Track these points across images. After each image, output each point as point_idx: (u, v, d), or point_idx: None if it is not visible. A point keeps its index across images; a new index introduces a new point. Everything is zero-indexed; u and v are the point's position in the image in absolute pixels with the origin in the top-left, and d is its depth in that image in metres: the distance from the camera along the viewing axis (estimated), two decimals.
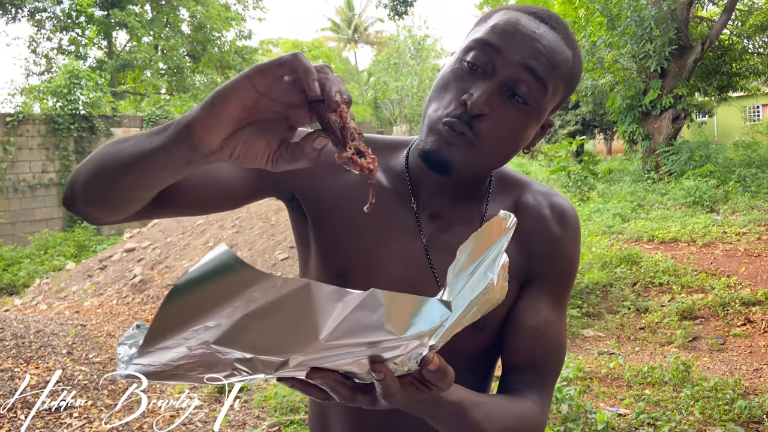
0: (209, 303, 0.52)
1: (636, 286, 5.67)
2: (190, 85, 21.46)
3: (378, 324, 0.54)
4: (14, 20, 19.29)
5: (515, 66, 0.81)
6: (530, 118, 0.84)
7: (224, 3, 23.03)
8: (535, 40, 0.81)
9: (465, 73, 0.83)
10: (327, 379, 0.59)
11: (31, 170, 12.05)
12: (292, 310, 0.53)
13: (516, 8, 0.86)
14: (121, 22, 19.99)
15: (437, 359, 0.60)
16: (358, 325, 0.54)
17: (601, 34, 12.48)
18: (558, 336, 0.94)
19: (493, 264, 0.65)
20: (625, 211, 9.09)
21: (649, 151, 12.51)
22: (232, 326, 0.53)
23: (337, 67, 39.31)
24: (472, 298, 0.62)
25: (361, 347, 0.56)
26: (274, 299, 0.52)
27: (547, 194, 0.98)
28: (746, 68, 14.87)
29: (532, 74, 0.81)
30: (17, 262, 9.51)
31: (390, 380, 0.59)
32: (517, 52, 0.81)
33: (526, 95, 0.82)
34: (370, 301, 0.54)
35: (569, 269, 0.96)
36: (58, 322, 5.09)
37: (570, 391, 3.09)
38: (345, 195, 0.93)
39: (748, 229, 7.34)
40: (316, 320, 0.53)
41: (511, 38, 0.81)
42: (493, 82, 0.81)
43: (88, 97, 12.96)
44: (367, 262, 0.91)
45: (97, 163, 0.73)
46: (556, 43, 0.83)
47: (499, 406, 0.85)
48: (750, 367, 4.09)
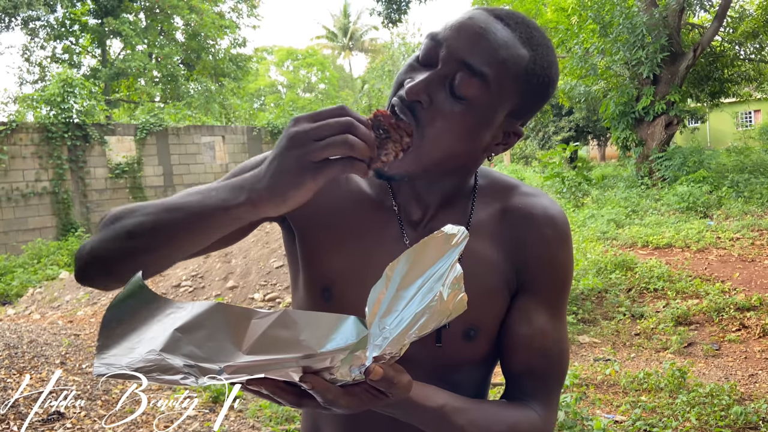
0: (138, 319, 0.63)
1: (631, 292, 5.68)
2: (185, 93, 21.44)
3: (293, 340, 0.61)
4: (8, 29, 19.27)
5: (454, 60, 0.79)
6: (472, 115, 0.80)
7: (218, 11, 23.06)
8: (479, 35, 0.79)
9: (414, 66, 0.84)
10: (266, 385, 0.63)
11: (24, 179, 12.00)
12: (211, 327, 0.61)
13: (480, 7, 0.85)
14: (115, 31, 19.99)
15: (380, 369, 0.63)
16: (276, 340, 0.61)
17: (594, 41, 12.56)
18: (557, 344, 0.92)
19: (440, 279, 0.67)
20: (620, 217, 9.12)
21: (643, 157, 12.57)
22: (168, 338, 0.61)
23: (331, 74, 39.39)
24: (417, 310, 0.66)
25: (290, 361, 0.61)
26: (192, 317, 0.61)
27: (536, 196, 0.96)
28: (738, 74, 14.97)
29: (469, 69, 0.79)
30: (10, 271, 9.45)
31: (322, 389, 0.63)
32: (457, 46, 0.79)
33: (464, 90, 0.79)
34: (283, 320, 0.62)
35: (562, 275, 0.94)
36: (52, 332, 5.06)
37: (566, 399, 3.09)
38: (329, 209, 0.93)
39: (742, 234, 7.37)
40: (232, 336, 0.61)
41: (456, 33, 0.80)
42: (434, 74, 0.80)
43: (82, 106, 12.93)
44: (352, 273, 0.90)
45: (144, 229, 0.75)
46: (505, 40, 0.80)
47: (489, 412, 0.84)
48: (745, 372, 4.09)
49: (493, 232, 0.93)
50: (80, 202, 12.82)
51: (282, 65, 40.67)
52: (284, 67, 40.82)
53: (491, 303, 0.89)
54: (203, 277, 6.76)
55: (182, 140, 14.54)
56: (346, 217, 0.93)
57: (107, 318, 0.63)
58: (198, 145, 14.97)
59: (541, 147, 24.10)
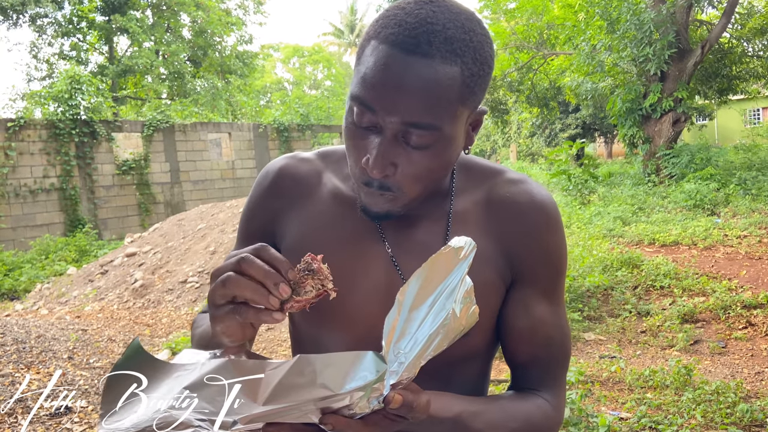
0: (141, 382, 0.64)
1: (637, 289, 5.66)
2: (191, 90, 21.50)
3: (311, 385, 0.61)
4: (16, 26, 19.34)
5: (395, 124, 0.76)
6: (439, 148, 0.79)
7: (225, 8, 23.09)
8: (404, 91, 0.74)
9: (357, 130, 0.80)
10: (283, 429, 0.64)
11: (32, 175, 12.07)
12: (221, 383, 0.61)
13: (387, 38, 0.76)
14: (123, 28, 20.04)
15: (399, 397, 0.65)
16: (293, 387, 0.61)
17: (601, 38, 12.49)
18: (557, 330, 0.92)
19: (451, 295, 0.67)
20: (626, 214, 9.09)
21: (650, 155, 12.51)
22: (175, 397, 0.61)
23: (338, 71, 39.39)
24: (431, 331, 0.66)
25: (308, 404, 0.61)
26: (201, 375, 0.62)
27: (521, 183, 0.93)
28: (746, 71, 14.86)
29: (415, 126, 0.76)
30: (18, 267, 9.51)
31: (343, 427, 0.64)
32: (391, 111, 0.75)
33: (421, 143, 0.78)
34: (299, 366, 0.61)
35: (557, 261, 0.92)
36: (59, 327, 5.09)
37: (571, 395, 3.08)
38: (308, 223, 0.94)
39: (749, 232, 7.33)
40: (246, 389, 0.61)
41: (381, 94, 0.75)
42: (384, 141, 0.77)
43: (90, 102, 12.98)
44: (335, 282, 0.91)
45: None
46: (432, 76, 0.74)
47: (504, 410, 0.85)
48: (752, 370, 4.08)
49: (479, 222, 0.91)
50: (87, 199, 12.88)
51: (288, 62, 40.70)
52: (290, 64, 40.86)
53: (485, 297, 0.86)
54: (209, 273, 6.78)
55: (189, 137, 14.58)
56: (326, 226, 0.93)
57: (109, 384, 0.64)
58: (204, 141, 15.01)
59: (547, 144, 24.04)
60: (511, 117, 24.27)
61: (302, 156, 1.00)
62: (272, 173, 0.98)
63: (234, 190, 15.22)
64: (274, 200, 0.97)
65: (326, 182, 0.96)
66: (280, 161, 1.00)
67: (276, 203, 0.97)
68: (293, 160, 0.99)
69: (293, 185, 0.97)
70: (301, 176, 0.97)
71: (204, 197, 14.50)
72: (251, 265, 0.66)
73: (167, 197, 14.25)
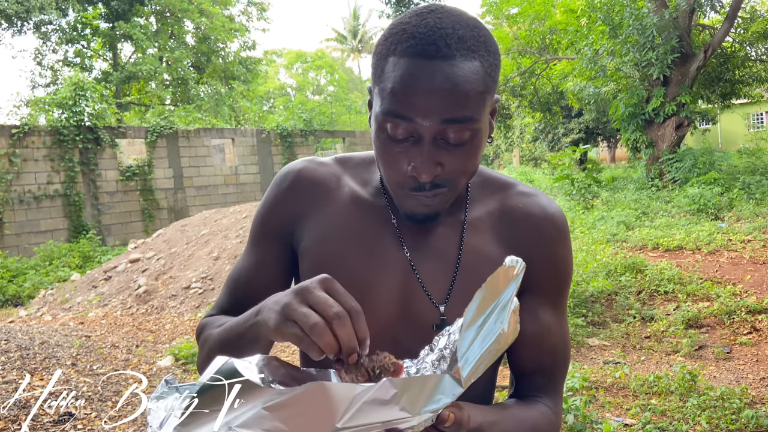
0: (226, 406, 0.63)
1: (641, 294, 5.64)
2: (195, 96, 21.57)
3: (391, 407, 0.62)
4: (20, 33, 19.44)
5: (434, 127, 0.80)
6: (475, 140, 0.84)
7: (228, 14, 23.18)
8: (437, 93, 0.78)
9: (394, 144, 0.83)
10: None
11: (36, 181, 12.11)
12: (305, 404, 0.61)
13: (406, 51, 0.80)
14: (126, 34, 20.14)
15: (452, 415, 0.70)
16: (372, 410, 0.62)
17: (604, 43, 12.51)
18: (561, 338, 0.97)
19: (503, 312, 0.70)
20: (630, 219, 9.07)
21: (653, 159, 12.50)
22: (250, 416, 0.61)
23: (340, 77, 39.49)
24: (482, 351, 0.69)
25: (377, 425, 0.63)
26: (287, 398, 0.61)
27: (534, 195, 0.98)
28: (749, 75, 14.84)
29: (454, 122, 0.80)
30: (22, 273, 9.54)
31: None
32: (428, 116, 0.79)
33: (458, 138, 0.82)
34: (384, 389, 0.62)
35: (564, 272, 0.97)
36: (63, 333, 5.10)
37: (576, 402, 3.07)
38: (327, 225, 0.96)
39: (753, 236, 7.30)
40: (329, 411, 0.61)
41: (415, 102, 0.79)
42: (425, 146, 0.81)
43: (94, 109, 13.04)
44: (353, 283, 0.91)
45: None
46: (459, 75, 0.79)
47: (515, 419, 0.89)
48: (756, 375, 4.06)
49: (492, 230, 0.95)
50: (91, 204, 12.92)
51: (291, 68, 40.82)
52: (293, 70, 40.97)
53: None
54: (212, 279, 6.79)
55: (192, 143, 14.62)
56: (346, 229, 0.95)
57: (191, 405, 0.64)
58: (208, 147, 15.05)
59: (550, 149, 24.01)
60: (514, 122, 24.29)
61: (320, 160, 1.02)
62: (292, 175, 1.00)
63: (237, 196, 15.25)
64: (294, 202, 0.99)
65: (344, 186, 0.98)
66: (299, 164, 1.02)
67: (295, 205, 0.98)
68: (312, 164, 1.01)
69: (312, 188, 0.98)
70: (320, 179, 0.99)
71: (207, 203, 14.52)
72: (341, 327, 0.68)
73: (171, 203, 14.28)
